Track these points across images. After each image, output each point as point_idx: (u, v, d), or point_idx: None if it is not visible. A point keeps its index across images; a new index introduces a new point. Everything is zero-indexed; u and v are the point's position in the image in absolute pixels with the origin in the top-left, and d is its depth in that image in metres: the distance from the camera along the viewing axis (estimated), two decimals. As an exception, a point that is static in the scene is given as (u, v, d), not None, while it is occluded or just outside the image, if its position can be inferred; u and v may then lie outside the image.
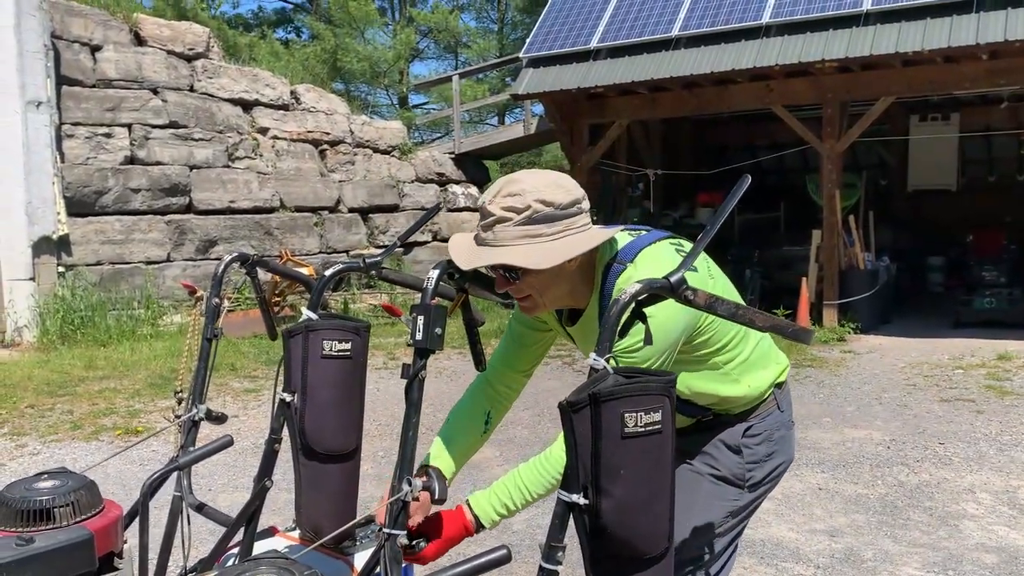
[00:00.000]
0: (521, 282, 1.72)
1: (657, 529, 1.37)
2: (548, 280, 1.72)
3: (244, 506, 1.94)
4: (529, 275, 1.69)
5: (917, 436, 5.84)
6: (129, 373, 7.63)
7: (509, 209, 1.65)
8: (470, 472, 5.16)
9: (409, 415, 1.65)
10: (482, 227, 1.68)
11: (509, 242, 1.65)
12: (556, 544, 1.36)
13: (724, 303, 1.39)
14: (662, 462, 1.35)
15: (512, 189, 1.66)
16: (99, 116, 9.64)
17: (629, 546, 1.35)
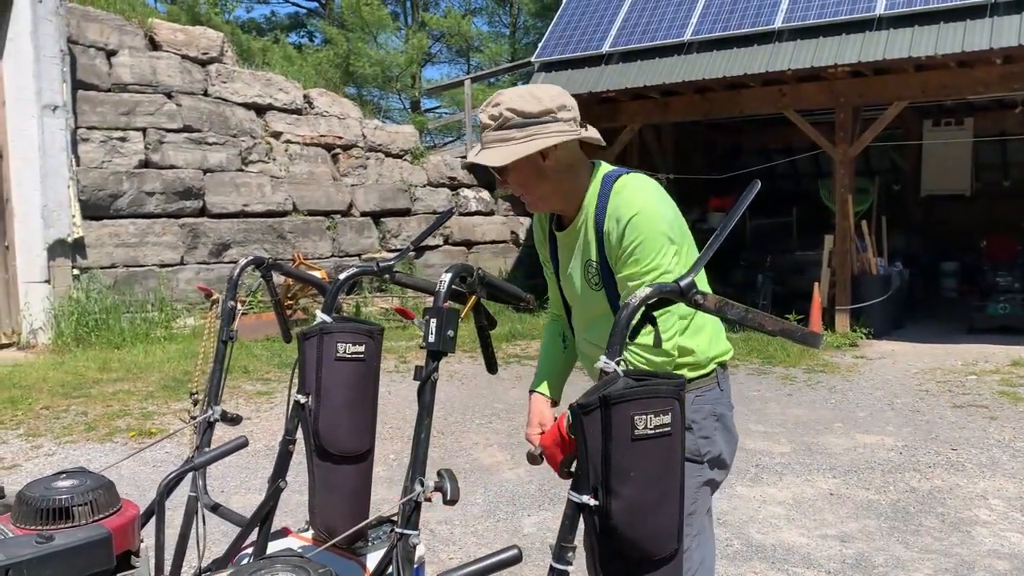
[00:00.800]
0: (506, 180, 1.97)
1: (666, 530, 1.38)
2: (528, 179, 1.96)
3: (259, 506, 1.96)
4: (509, 173, 1.94)
5: (929, 442, 5.82)
6: (143, 375, 7.68)
7: (490, 117, 1.93)
8: (481, 476, 5.18)
9: (421, 417, 1.67)
10: (481, 132, 1.98)
11: (489, 144, 1.92)
12: (567, 544, 1.38)
13: (734, 307, 1.41)
14: (672, 464, 1.37)
15: (493, 100, 1.95)
16: (114, 120, 9.72)
17: (638, 547, 1.36)
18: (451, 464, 5.42)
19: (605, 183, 1.98)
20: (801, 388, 7.54)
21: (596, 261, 1.96)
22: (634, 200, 1.92)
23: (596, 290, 2.00)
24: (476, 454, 5.65)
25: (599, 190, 1.98)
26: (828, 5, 9.62)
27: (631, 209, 1.90)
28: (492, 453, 5.69)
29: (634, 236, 1.88)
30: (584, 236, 1.99)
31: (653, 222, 1.89)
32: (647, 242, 1.87)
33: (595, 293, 2.00)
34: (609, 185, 1.97)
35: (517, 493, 4.83)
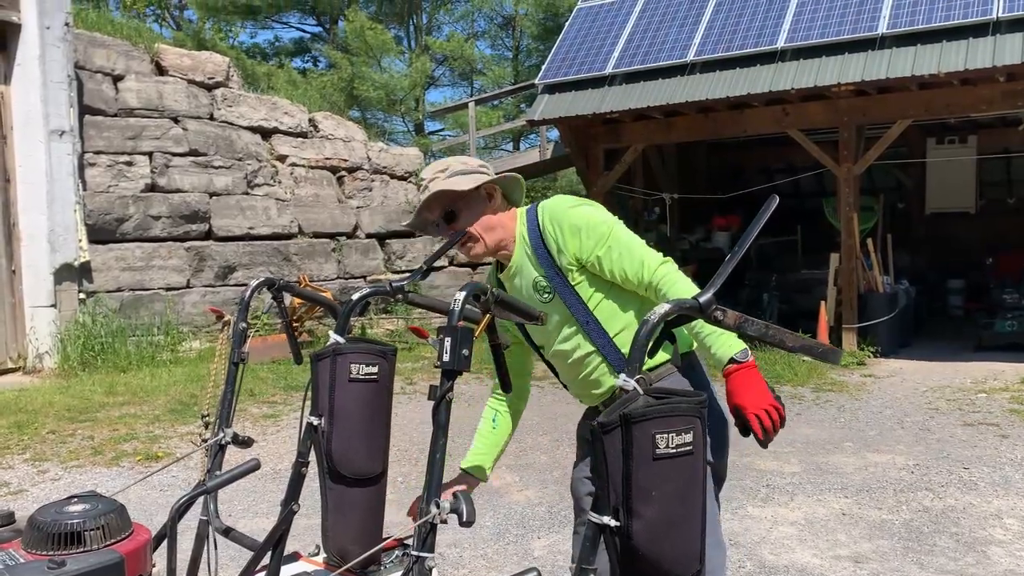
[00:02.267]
0: (459, 221, 2.20)
1: (689, 551, 1.36)
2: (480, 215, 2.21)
3: (271, 530, 1.94)
4: (462, 214, 2.20)
5: (941, 460, 5.77)
6: (149, 399, 7.67)
7: (437, 172, 2.21)
8: (490, 498, 5.14)
9: (436, 437, 1.65)
10: (421, 195, 2.22)
11: (441, 185, 2.17)
12: (587, 567, 1.36)
13: (754, 323, 1.39)
14: (693, 483, 1.35)
15: (437, 163, 2.27)
16: (120, 144, 9.78)
17: (660, 569, 1.34)
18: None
19: (529, 213, 2.28)
20: (810, 407, 7.49)
21: (543, 274, 2.21)
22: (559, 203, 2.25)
23: (548, 301, 2.23)
24: (484, 476, 5.60)
25: (527, 220, 2.27)
26: (831, 24, 9.66)
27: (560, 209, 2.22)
28: (500, 475, 5.65)
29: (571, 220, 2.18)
30: (525, 262, 2.25)
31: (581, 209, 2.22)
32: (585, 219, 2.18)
33: (551, 305, 2.22)
34: (533, 212, 2.27)
35: (527, 515, 4.80)
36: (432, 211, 2.22)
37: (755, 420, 1.85)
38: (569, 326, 2.24)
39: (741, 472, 5.60)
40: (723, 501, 5.16)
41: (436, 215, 2.22)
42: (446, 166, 2.23)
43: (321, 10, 27.55)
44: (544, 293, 2.23)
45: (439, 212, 2.22)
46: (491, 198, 2.25)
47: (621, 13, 11.71)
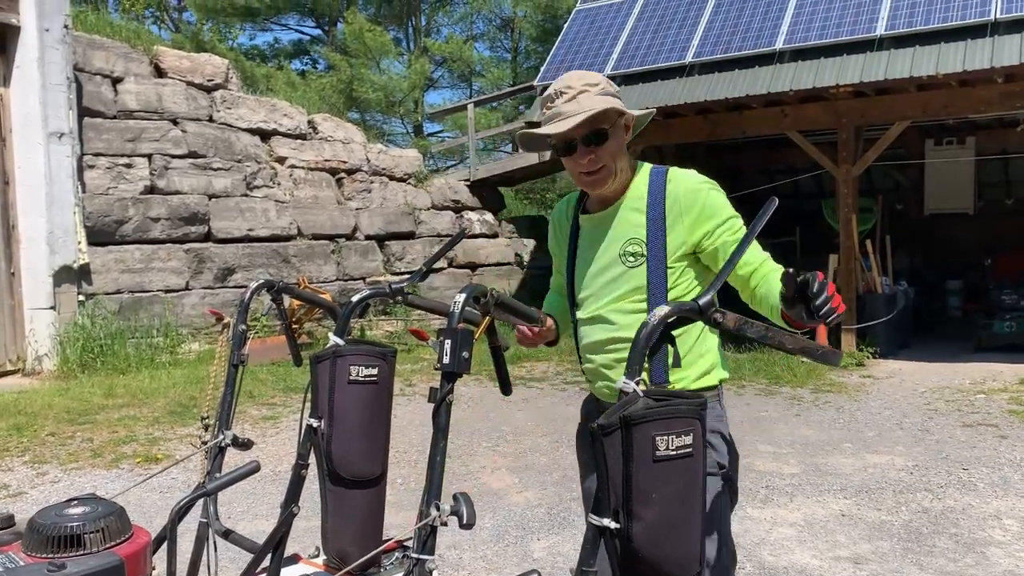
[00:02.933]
0: (602, 149, 1.99)
1: (689, 553, 1.36)
2: (619, 147, 2.03)
3: (271, 532, 1.94)
4: (610, 140, 1.99)
5: (940, 461, 5.77)
6: (148, 401, 7.66)
7: (587, 84, 1.99)
8: (490, 500, 5.14)
9: (437, 439, 1.66)
10: (563, 102, 1.96)
11: (600, 104, 1.95)
12: (588, 569, 1.36)
13: (754, 325, 1.39)
14: (693, 485, 1.35)
15: (583, 73, 2.05)
16: (120, 147, 9.78)
17: (660, 571, 1.34)
18: (459, 488, 5.38)
19: (655, 171, 2.10)
20: (809, 408, 7.49)
21: (643, 238, 2.02)
22: (695, 178, 2.08)
23: (633, 266, 2.03)
24: (484, 478, 5.61)
25: (649, 176, 2.08)
26: (829, 26, 9.67)
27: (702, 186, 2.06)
28: (500, 476, 5.65)
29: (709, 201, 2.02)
30: (629, 216, 2.05)
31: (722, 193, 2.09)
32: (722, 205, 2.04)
33: (630, 271, 2.03)
34: (662, 173, 2.08)
35: (526, 517, 4.79)
36: (579, 128, 1.95)
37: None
38: (633, 299, 2.03)
39: (740, 473, 5.58)
40: (722, 502, 5.15)
41: (580, 133, 1.96)
42: (596, 80, 2.01)
43: (320, 12, 27.57)
44: (632, 256, 2.03)
45: (585, 130, 1.95)
46: (628, 130, 2.07)
47: (620, 15, 11.72)
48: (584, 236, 2.14)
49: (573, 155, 1.99)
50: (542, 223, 15.49)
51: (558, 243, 2.29)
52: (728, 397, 8.17)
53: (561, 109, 1.96)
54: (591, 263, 2.10)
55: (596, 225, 2.11)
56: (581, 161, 1.98)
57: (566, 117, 1.94)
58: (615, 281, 2.04)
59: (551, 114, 1.98)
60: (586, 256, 2.12)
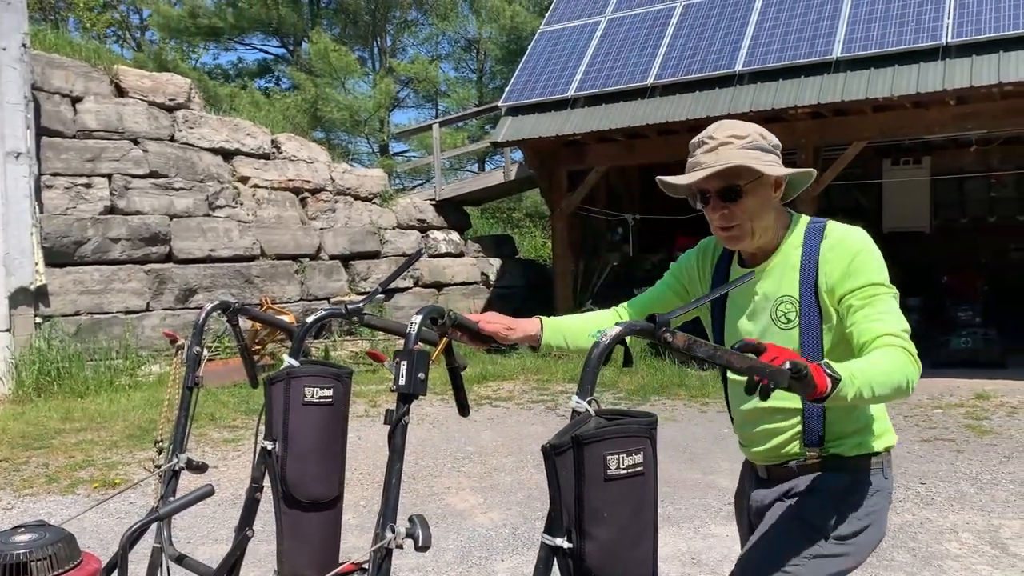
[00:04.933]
0: (737, 206, 1.86)
1: (642, 571, 1.37)
2: (760, 206, 1.88)
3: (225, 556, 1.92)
4: (746, 198, 1.86)
5: (899, 476, 5.85)
6: (107, 424, 7.52)
7: (732, 136, 1.88)
8: (454, 521, 5.11)
9: (392, 461, 1.65)
10: (702, 153, 1.88)
11: (738, 159, 1.83)
12: (541, 589, 1.36)
13: (703, 345, 1.41)
14: (644, 504, 1.36)
15: (734, 123, 1.94)
16: (79, 166, 9.64)
17: (613, 590, 1.35)
18: (422, 510, 5.35)
19: (813, 226, 1.95)
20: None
21: (796, 296, 1.87)
22: (853, 236, 1.91)
23: (785, 328, 1.88)
24: (448, 499, 5.58)
25: (806, 231, 1.94)
26: (787, 48, 9.86)
27: (856, 243, 1.88)
28: (464, 497, 5.62)
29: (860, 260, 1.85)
30: (785, 274, 1.91)
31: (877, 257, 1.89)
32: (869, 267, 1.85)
33: (782, 333, 1.88)
34: (818, 229, 1.94)
35: (490, 538, 4.77)
36: (711, 181, 1.85)
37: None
38: None
39: (703, 490, 5.63)
40: (685, 519, 5.21)
41: (713, 186, 1.86)
42: (745, 132, 1.89)
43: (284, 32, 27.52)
44: (785, 319, 1.88)
45: (719, 184, 1.85)
46: (777, 188, 1.92)
47: (583, 37, 11.86)
48: (737, 292, 1.99)
49: (707, 207, 1.90)
50: (508, 242, 15.53)
51: (695, 281, 2.16)
52: (691, 413, 8.25)
53: (699, 159, 1.88)
54: (744, 321, 1.98)
55: (749, 283, 1.95)
56: (713, 216, 1.89)
57: (700, 168, 1.86)
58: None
59: (690, 163, 1.90)
60: (738, 312, 2.00)
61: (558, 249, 12.24)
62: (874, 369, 1.64)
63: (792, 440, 1.94)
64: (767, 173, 1.84)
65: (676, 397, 8.88)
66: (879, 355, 1.69)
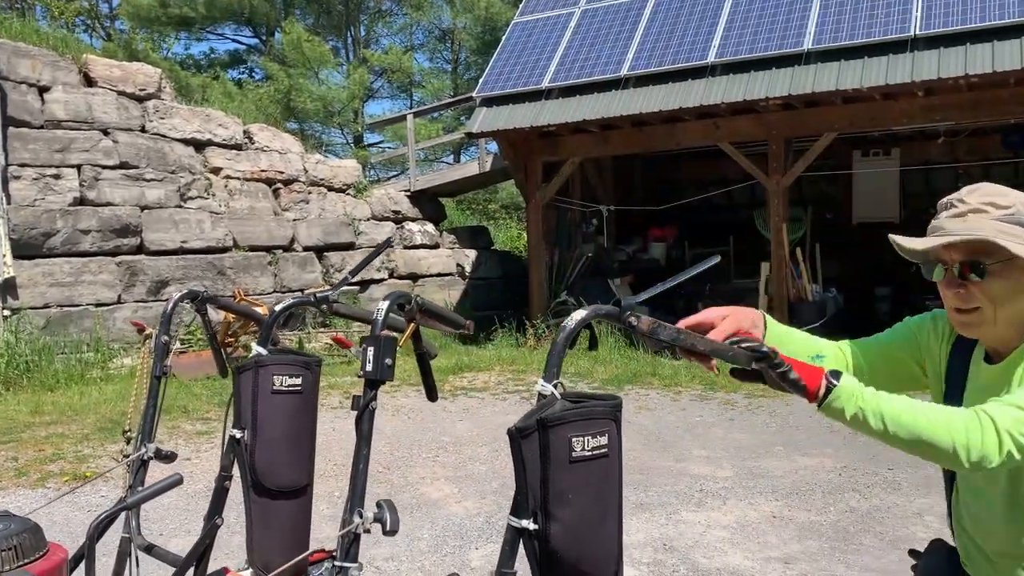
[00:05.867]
0: (978, 286, 1.54)
1: (606, 553, 1.39)
2: (1008, 292, 1.54)
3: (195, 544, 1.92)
4: (991, 279, 1.53)
5: (868, 462, 5.95)
6: (78, 418, 7.45)
7: (989, 204, 1.57)
8: (428, 510, 5.13)
9: (360, 447, 1.66)
10: (947, 217, 1.59)
11: (985, 233, 1.52)
12: (507, 571, 1.37)
13: (666, 328, 1.43)
14: (609, 485, 1.38)
15: (995, 189, 1.61)
16: (47, 157, 9.50)
17: (579, 571, 1.36)
18: (398, 499, 5.35)
19: None
20: (743, 413, 7.65)
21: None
22: None
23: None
24: (423, 488, 5.59)
25: None
26: (758, 40, 9.93)
27: None
28: (439, 487, 5.64)
29: None
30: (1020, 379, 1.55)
31: None
32: None
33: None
34: None
35: (465, 527, 4.79)
36: (950, 252, 1.57)
37: None
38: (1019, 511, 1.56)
39: (675, 477, 5.69)
40: (657, 506, 5.25)
41: (953, 259, 1.57)
42: (1007, 202, 1.57)
43: (257, 22, 27.24)
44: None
45: (959, 257, 1.56)
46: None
47: (556, 28, 11.86)
48: (977, 388, 1.65)
49: (942, 283, 1.60)
50: (483, 233, 15.53)
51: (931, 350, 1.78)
52: (664, 402, 8.30)
53: (943, 224, 1.59)
54: None
55: (993, 379, 1.61)
56: (947, 292, 1.59)
57: (940, 234, 1.57)
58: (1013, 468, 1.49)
59: (932, 226, 1.61)
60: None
61: (533, 240, 12.26)
62: (905, 406, 1.46)
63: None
64: (1015, 253, 1.50)
65: (649, 386, 8.94)
66: (936, 407, 1.49)
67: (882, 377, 1.73)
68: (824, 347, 1.85)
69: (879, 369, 1.78)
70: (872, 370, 1.77)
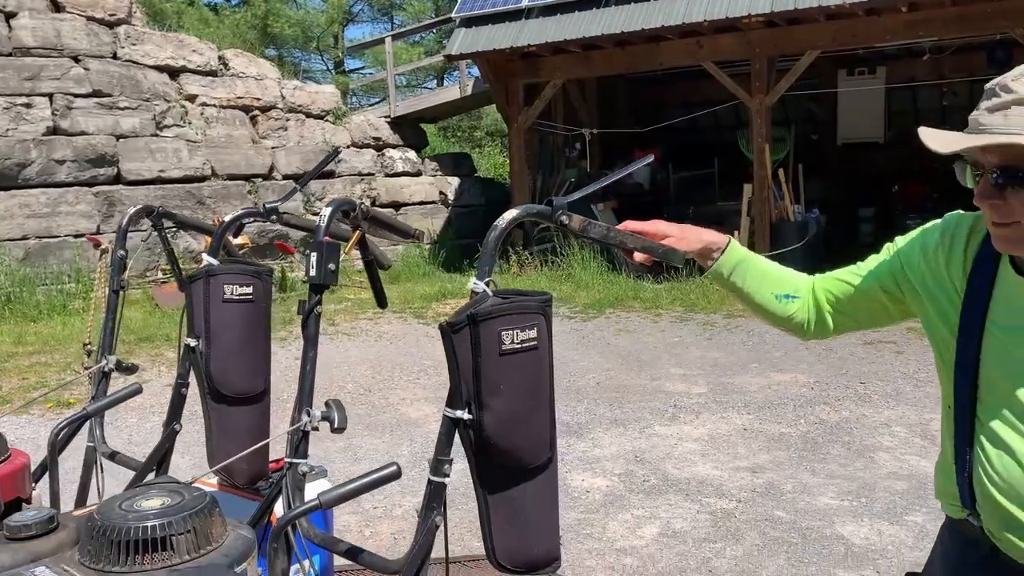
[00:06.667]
0: (1019, 198, 1.23)
1: (538, 439, 1.44)
2: None
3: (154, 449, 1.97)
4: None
5: (840, 377, 6.07)
6: (61, 347, 7.49)
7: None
8: (408, 429, 5.23)
9: (306, 350, 1.70)
10: (987, 108, 1.26)
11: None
12: (443, 458, 1.43)
13: (597, 226, 1.46)
14: (539, 376, 1.42)
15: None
16: (17, 86, 9.32)
17: (512, 457, 1.42)
18: (378, 419, 5.46)
19: None
20: (720, 332, 7.75)
21: None
22: None
23: None
24: (403, 409, 5.70)
25: None
26: (741, -45, 9.71)
27: None
28: (419, 407, 5.74)
29: None
30: None
31: None
32: None
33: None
34: None
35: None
36: (987, 154, 1.25)
37: None
38: None
39: (651, 395, 5.80)
40: (631, 421, 5.36)
41: (989, 162, 1.25)
42: None
43: (232, -56, 26.43)
44: None
45: (997, 161, 1.24)
46: None
47: (537, -56, 11.55)
48: (1008, 301, 1.34)
49: (977, 191, 1.29)
50: (466, 160, 15.40)
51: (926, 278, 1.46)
52: (644, 324, 8.39)
53: (980, 117, 1.26)
54: (1016, 354, 1.31)
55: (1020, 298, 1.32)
56: (982, 203, 1.29)
57: (979, 131, 1.25)
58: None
59: (971, 119, 1.28)
60: (1010, 337, 1.32)
61: (515, 166, 12.18)
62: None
63: None
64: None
65: (631, 309, 9.02)
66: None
67: (863, 315, 1.62)
68: (799, 286, 1.68)
69: (860, 308, 1.60)
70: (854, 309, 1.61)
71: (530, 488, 1.46)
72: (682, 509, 3.92)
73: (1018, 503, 1.31)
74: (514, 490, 1.45)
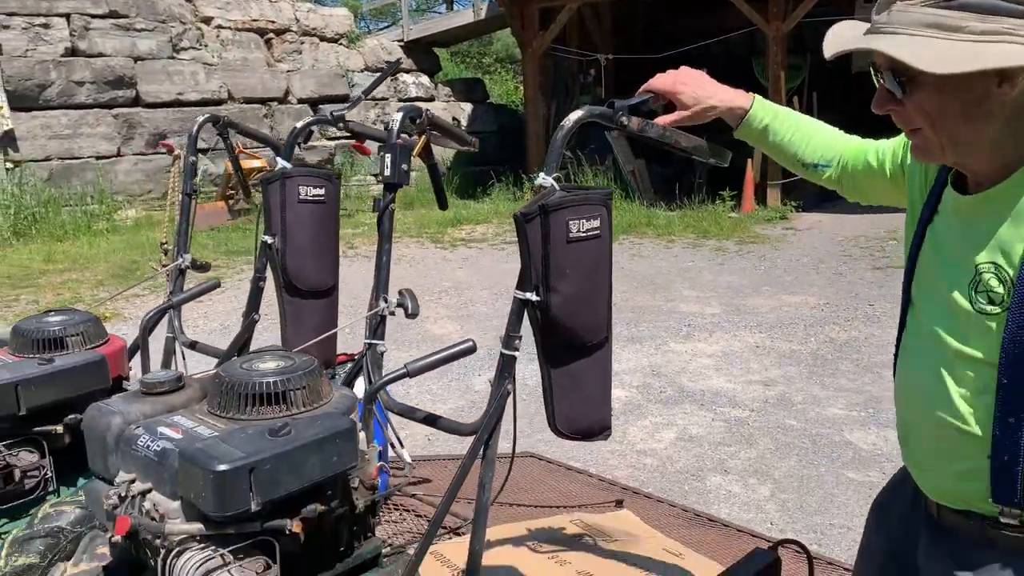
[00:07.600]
0: (908, 100, 1.13)
1: (598, 320, 1.63)
2: (954, 108, 1.12)
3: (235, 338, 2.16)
4: (919, 94, 1.12)
5: (850, 299, 6.25)
6: (90, 266, 7.70)
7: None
8: (433, 344, 5.44)
9: (381, 243, 1.87)
10: (877, 6, 1.15)
11: (903, 28, 1.10)
12: (513, 334, 1.61)
13: (654, 126, 1.61)
14: (601, 263, 1.60)
15: None
16: (34, 6, 9.33)
17: (575, 335, 1.60)
18: (404, 336, 5.67)
19: None
20: (733, 258, 7.91)
21: (1011, 271, 1.11)
22: None
23: (984, 313, 1.14)
24: (428, 326, 5.90)
25: None
26: None
27: None
28: (443, 324, 5.95)
29: None
30: (995, 220, 1.15)
31: None
32: None
33: (980, 320, 1.14)
34: None
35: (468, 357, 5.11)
36: (878, 57, 1.13)
37: None
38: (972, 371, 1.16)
39: (665, 315, 6.00)
40: (648, 339, 5.57)
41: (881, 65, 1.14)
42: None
43: None
44: (987, 296, 1.14)
45: (885, 64, 1.12)
46: (1003, 83, 1.07)
47: None
48: (940, 227, 1.28)
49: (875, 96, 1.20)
50: (479, 86, 15.34)
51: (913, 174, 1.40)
52: (657, 250, 8.55)
53: (875, 17, 1.15)
54: (934, 273, 1.26)
55: (958, 215, 1.23)
56: (879, 110, 1.20)
57: (872, 32, 1.15)
58: (956, 326, 1.19)
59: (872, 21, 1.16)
60: (934, 256, 1.27)
61: (530, 91, 12.17)
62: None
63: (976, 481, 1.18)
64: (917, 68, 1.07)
65: (644, 235, 9.17)
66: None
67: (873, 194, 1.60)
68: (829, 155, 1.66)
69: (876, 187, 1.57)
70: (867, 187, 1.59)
71: (588, 364, 1.64)
72: (697, 417, 4.14)
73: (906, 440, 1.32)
74: (574, 365, 1.63)
